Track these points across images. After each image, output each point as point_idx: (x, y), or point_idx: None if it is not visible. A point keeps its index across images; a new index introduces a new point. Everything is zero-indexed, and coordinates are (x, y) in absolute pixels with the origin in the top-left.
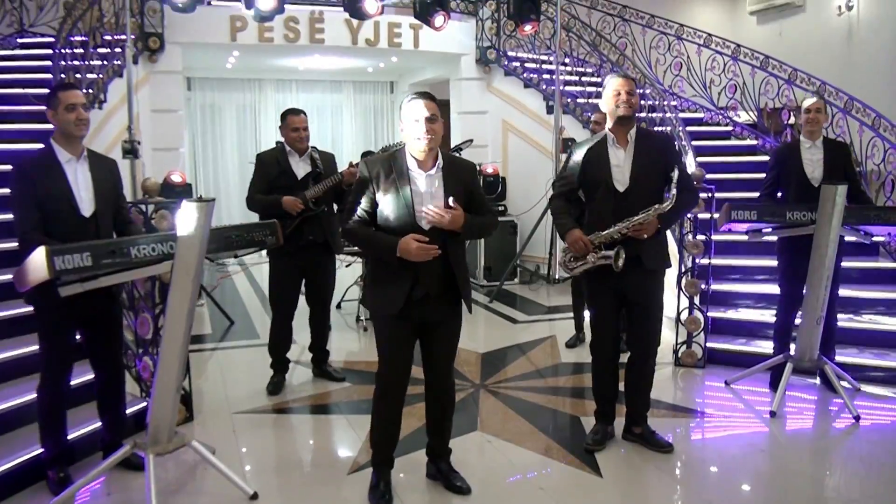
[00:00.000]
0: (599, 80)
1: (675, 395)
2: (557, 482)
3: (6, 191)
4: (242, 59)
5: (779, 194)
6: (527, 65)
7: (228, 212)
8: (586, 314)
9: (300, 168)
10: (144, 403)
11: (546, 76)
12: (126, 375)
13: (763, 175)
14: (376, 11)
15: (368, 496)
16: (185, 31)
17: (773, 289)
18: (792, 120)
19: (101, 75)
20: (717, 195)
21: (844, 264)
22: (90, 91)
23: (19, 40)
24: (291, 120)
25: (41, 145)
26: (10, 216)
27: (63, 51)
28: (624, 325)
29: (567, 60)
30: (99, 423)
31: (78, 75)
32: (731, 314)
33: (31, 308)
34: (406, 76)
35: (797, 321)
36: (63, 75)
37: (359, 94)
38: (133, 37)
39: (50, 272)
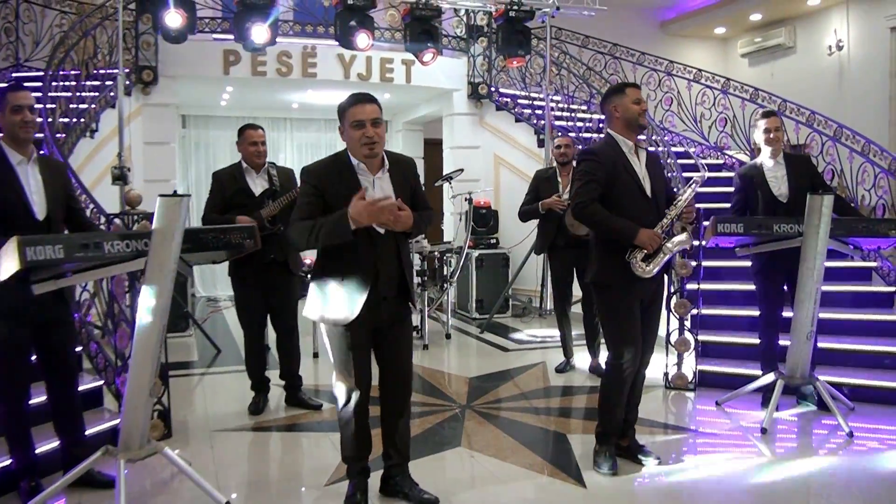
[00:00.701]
0: (589, 115)
1: (665, 415)
2: (541, 493)
3: None
4: (237, 97)
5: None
6: (519, 101)
7: None
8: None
9: (257, 185)
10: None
11: (538, 111)
12: (105, 392)
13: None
14: (367, 46)
15: None
16: (179, 65)
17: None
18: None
19: (93, 105)
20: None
21: (837, 288)
22: (82, 120)
23: (14, 74)
24: (249, 134)
25: None
26: None
27: (52, 82)
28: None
29: (557, 97)
30: None
31: (72, 105)
32: (723, 338)
33: None
34: (400, 115)
35: (783, 342)
36: (52, 105)
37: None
38: (127, 70)
39: (21, 262)
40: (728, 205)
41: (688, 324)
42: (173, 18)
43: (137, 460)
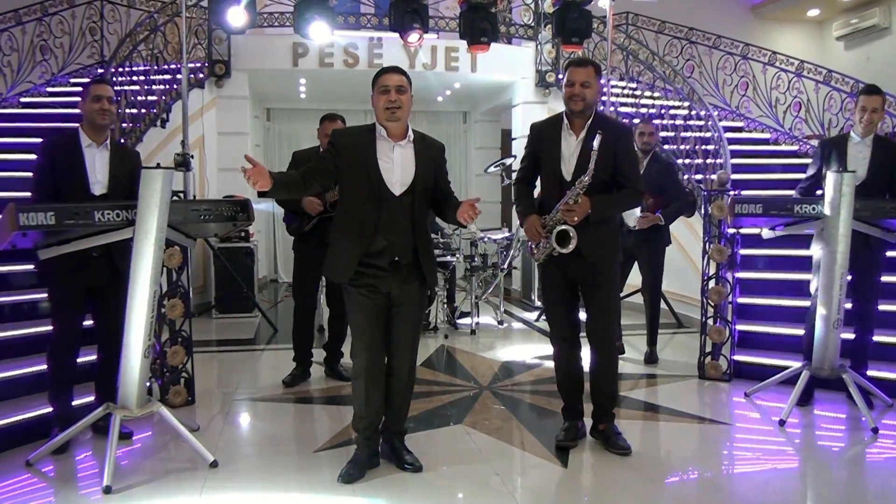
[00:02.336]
0: (652, 101)
1: (684, 403)
2: (516, 469)
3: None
4: (316, 90)
5: (818, 192)
6: None
7: None
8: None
9: None
10: (147, 383)
11: (603, 98)
12: None
13: None
14: (418, 41)
15: (344, 474)
16: (250, 58)
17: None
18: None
19: (163, 97)
20: None
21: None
22: (153, 111)
23: (99, 70)
24: (327, 125)
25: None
26: None
27: (117, 76)
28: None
29: (622, 83)
30: None
31: (140, 97)
32: (763, 328)
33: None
34: (478, 105)
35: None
36: (116, 98)
37: (432, 124)
38: (200, 64)
39: (13, 226)
40: None
41: (729, 313)
42: (236, 17)
43: (134, 418)
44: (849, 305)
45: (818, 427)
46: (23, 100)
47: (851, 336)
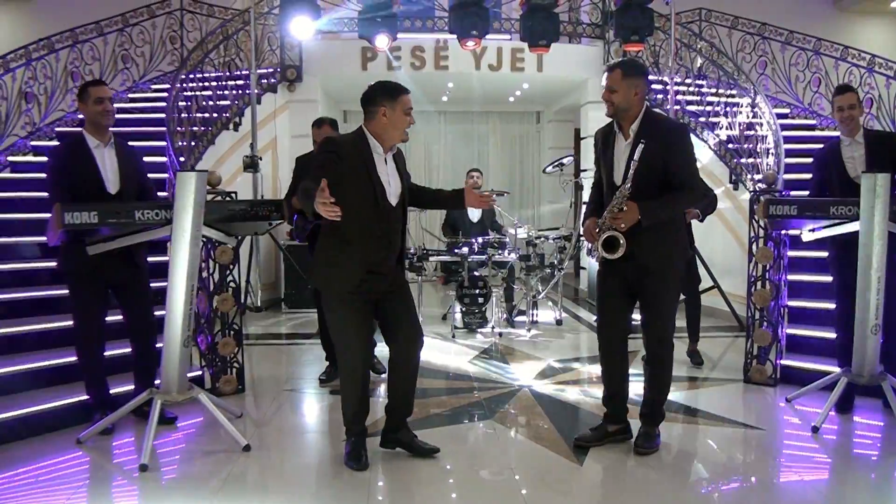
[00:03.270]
0: (716, 98)
1: (719, 405)
2: (530, 464)
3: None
4: None
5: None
6: (653, 86)
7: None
8: None
9: None
10: (200, 372)
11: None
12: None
13: None
14: (474, 46)
15: (345, 461)
16: (321, 63)
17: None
18: None
19: (236, 102)
20: None
21: None
22: (225, 115)
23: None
24: (318, 132)
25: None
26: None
27: (186, 83)
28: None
29: (687, 80)
30: None
31: (210, 102)
32: (813, 332)
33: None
34: (550, 105)
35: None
36: (187, 103)
37: (505, 124)
38: (272, 69)
39: (59, 224)
40: None
41: (784, 316)
42: (301, 29)
43: (175, 404)
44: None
45: (853, 435)
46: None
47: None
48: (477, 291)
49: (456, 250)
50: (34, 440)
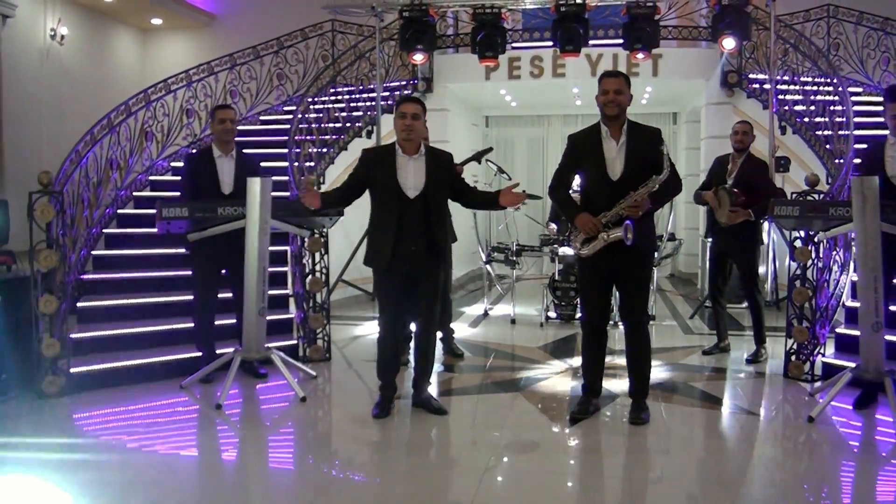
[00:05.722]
0: (822, 98)
1: (736, 393)
2: (521, 426)
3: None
4: (525, 98)
5: None
6: (765, 86)
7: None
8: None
9: None
10: (295, 341)
11: (780, 96)
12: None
13: None
14: (576, 55)
15: (373, 410)
16: (449, 75)
17: None
18: None
19: (369, 112)
20: None
21: None
22: (357, 125)
23: (332, 89)
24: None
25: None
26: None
27: (317, 97)
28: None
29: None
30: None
31: (343, 113)
32: (852, 330)
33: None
34: (685, 105)
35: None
36: (319, 115)
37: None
38: (405, 82)
39: (159, 216)
40: None
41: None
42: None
43: (252, 360)
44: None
45: (848, 426)
46: (262, 118)
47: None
48: (568, 284)
49: (547, 247)
50: (155, 384)
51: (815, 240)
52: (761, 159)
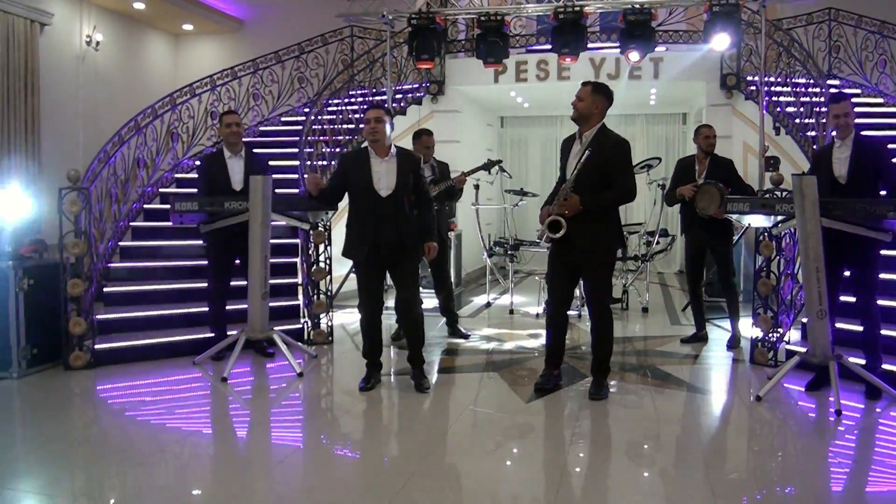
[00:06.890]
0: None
1: (697, 375)
2: (488, 399)
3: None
4: (536, 99)
5: None
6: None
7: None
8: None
9: (426, 173)
10: (300, 325)
11: (775, 98)
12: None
13: None
14: (573, 60)
15: (360, 384)
16: (460, 77)
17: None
18: None
19: None
20: None
21: None
22: None
23: (351, 93)
24: (426, 139)
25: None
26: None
27: (328, 100)
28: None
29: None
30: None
31: (357, 115)
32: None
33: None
34: (694, 107)
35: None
36: (332, 117)
37: (650, 125)
38: (417, 85)
39: (172, 210)
40: None
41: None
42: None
43: (256, 339)
44: (853, 299)
45: (793, 406)
46: (283, 119)
47: (860, 329)
48: None
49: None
50: (171, 360)
51: (773, 233)
52: (726, 158)
